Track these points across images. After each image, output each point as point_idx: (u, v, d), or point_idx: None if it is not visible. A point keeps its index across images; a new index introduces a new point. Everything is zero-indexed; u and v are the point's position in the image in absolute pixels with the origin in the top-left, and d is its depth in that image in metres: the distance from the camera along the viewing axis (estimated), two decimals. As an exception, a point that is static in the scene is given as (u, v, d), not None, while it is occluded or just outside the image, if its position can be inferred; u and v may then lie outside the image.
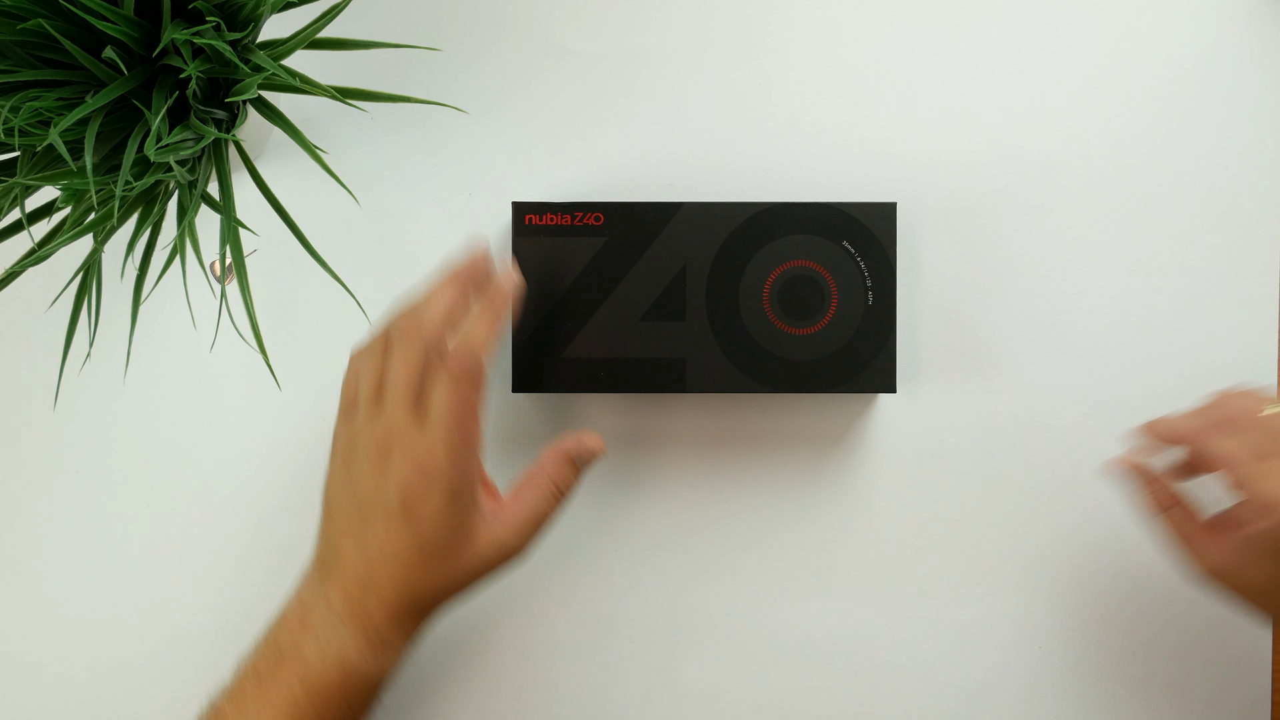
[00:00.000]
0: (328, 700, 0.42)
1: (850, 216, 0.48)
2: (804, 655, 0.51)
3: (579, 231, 0.48)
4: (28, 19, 0.39)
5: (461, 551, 0.44)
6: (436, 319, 0.45)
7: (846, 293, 0.48)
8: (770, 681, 0.52)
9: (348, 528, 0.44)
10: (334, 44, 0.44)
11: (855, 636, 0.51)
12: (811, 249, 0.48)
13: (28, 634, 0.53)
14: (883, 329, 0.48)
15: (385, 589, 0.43)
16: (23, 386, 0.53)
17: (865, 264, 0.48)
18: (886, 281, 0.48)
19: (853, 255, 0.48)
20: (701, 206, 0.48)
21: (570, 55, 0.53)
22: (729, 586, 0.52)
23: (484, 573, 0.45)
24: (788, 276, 0.48)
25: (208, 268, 0.51)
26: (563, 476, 0.46)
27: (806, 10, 0.53)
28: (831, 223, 0.48)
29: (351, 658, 0.43)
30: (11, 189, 0.41)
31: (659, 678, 0.52)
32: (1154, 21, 0.52)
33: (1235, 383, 0.51)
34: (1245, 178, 0.52)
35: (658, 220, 0.48)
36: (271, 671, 0.43)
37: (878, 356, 0.48)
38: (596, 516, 0.52)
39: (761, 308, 0.48)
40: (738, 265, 0.48)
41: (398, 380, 0.45)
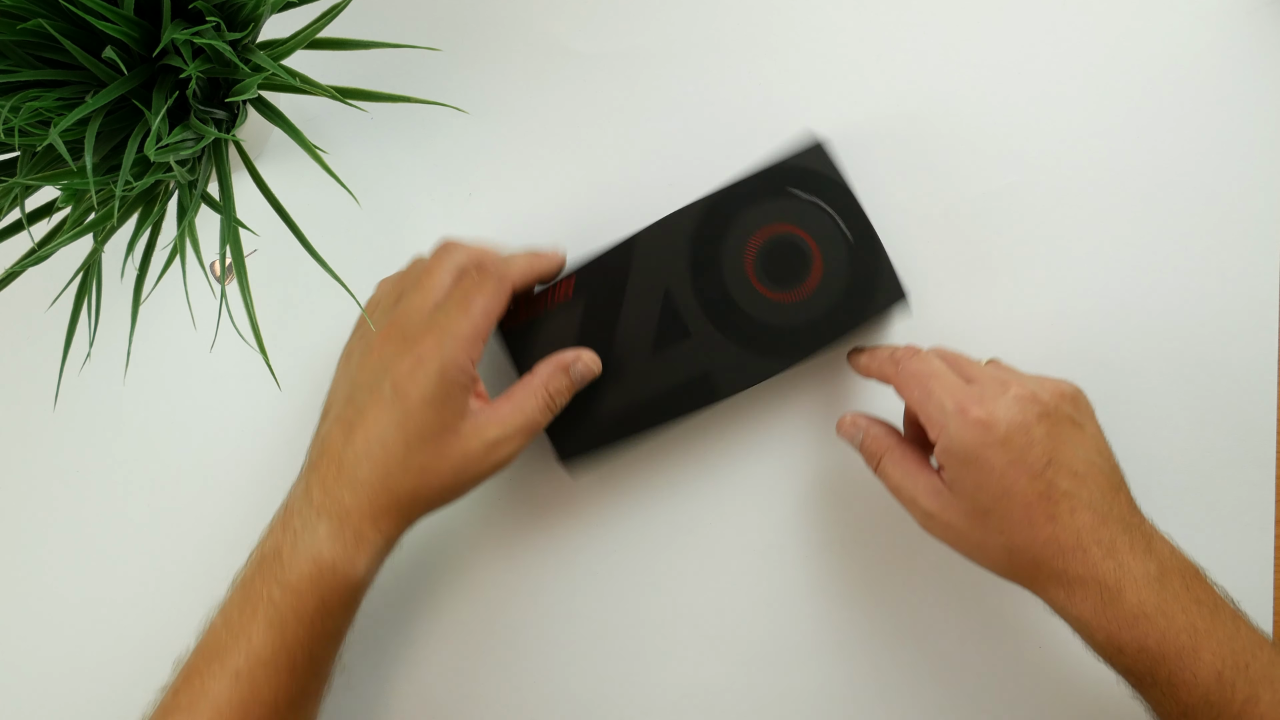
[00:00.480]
0: (300, 595, 0.42)
1: (791, 168, 0.48)
2: (802, 654, 0.51)
3: (559, 310, 0.49)
4: (28, 19, 0.39)
5: (447, 443, 0.43)
6: (473, 250, 0.47)
7: (825, 241, 0.48)
8: (772, 680, 0.52)
9: (338, 418, 0.45)
10: (334, 44, 0.44)
11: (856, 632, 0.52)
12: (772, 214, 0.48)
13: (28, 634, 0.53)
14: (872, 252, 0.48)
15: (364, 478, 0.43)
16: (23, 386, 0.53)
17: (828, 205, 0.48)
18: (855, 213, 0.48)
19: (813, 202, 0.48)
20: (652, 229, 0.48)
21: (570, 55, 0.53)
22: (732, 581, 0.52)
23: (466, 473, 0.44)
24: (765, 250, 0.48)
25: (208, 268, 0.51)
26: (556, 385, 0.46)
27: (807, 10, 0.53)
28: (778, 184, 0.48)
29: (324, 551, 0.42)
30: (11, 189, 0.41)
31: (655, 676, 0.52)
32: (1154, 21, 0.52)
33: (1229, 382, 0.51)
34: (1245, 178, 0.51)
35: (621, 261, 0.48)
36: (252, 576, 0.43)
37: (878, 276, 0.48)
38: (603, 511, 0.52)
39: (754, 289, 0.48)
40: (714, 261, 0.48)
41: (420, 280, 0.46)
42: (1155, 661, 0.40)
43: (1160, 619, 0.39)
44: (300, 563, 0.42)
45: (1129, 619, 0.40)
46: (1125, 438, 0.51)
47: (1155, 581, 0.40)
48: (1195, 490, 0.51)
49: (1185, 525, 0.51)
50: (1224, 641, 0.39)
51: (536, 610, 0.52)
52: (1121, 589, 0.40)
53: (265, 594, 0.42)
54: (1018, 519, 0.41)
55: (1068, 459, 0.41)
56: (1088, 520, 0.40)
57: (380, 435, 0.43)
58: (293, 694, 0.42)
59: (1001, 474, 0.41)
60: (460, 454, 0.44)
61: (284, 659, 0.42)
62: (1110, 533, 0.40)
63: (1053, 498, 0.40)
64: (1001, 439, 0.41)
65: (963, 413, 0.41)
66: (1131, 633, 0.40)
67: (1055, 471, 0.41)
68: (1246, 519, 0.51)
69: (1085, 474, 0.41)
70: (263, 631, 0.42)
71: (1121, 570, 0.40)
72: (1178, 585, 0.40)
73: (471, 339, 0.44)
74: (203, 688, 0.42)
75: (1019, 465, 0.41)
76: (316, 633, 0.43)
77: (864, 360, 0.48)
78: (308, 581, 0.42)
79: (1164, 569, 0.40)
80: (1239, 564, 0.50)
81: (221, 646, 0.42)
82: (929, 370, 0.44)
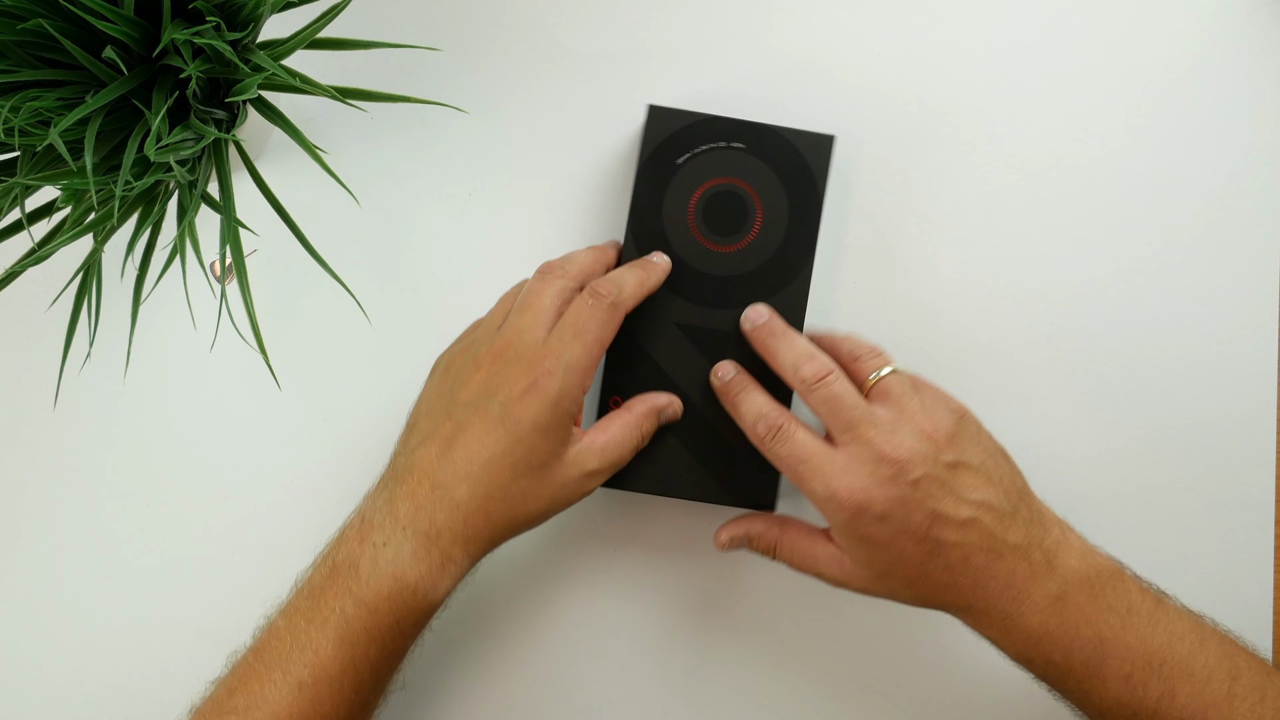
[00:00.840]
0: (376, 614, 0.41)
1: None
2: (801, 653, 0.51)
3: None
4: (28, 19, 0.39)
5: (551, 471, 0.43)
6: (581, 264, 0.46)
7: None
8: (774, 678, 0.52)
9: (433, 433, 0.43)
10: (334, 44, 0.44)
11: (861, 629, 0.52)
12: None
13: (28, 633, 0.53)
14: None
15: (462, 499, 0.41)
16: (23, 386, 0.53)
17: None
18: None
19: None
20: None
21: (570, 55, 0.53)
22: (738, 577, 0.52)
23: (559, 501, 0.44)
24: (705, 205, 0.48)
25: (208, 268, 0.51)
26: (649, 428, 0.46)
27: (807, 10, 0.53)
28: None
29: (406, 571, 0.41)
30: (11, 189, 0.41)
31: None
32: (1154, 21, 0.52)
33: (1229, 382, 0.51)
34: (1245, 178, 0.51)
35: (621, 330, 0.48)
36: (324, 585, 0.42)
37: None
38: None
39: (705, 249, 0.49)
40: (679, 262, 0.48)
41: (531, 298, 0.45)
42: (1062, 673, 0.41)
43: (1063, 637, 0.41)
44: (380, 580, 0.41)
45: (1032, 640, 0.41)
46: (1125, 437, 0.51)
47: (1056, 602, 0.41)
48: (1195, 490, 0.51)
49: (1185, 525, 0.51)
50: (1134, 646, 0.40)
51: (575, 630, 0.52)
52: (1021, 616, 0.41)
53: (339, 607, 0.41)
54: (913, 578, 0.42)
55: (950, 511, 0.41)
56: (981, 562, 0.41)
57: (485, 457, 0.42)
58: (354, 709, 0.41)
59: (887, 545, 0.41)
60: (561, 483, 0.43)
61: (350, 676, 0.41)
62: (1006, 565, 0.41)
63: (942, 553, 0.41)
64: (879, 515, 0.41)
65: (834, 499, 0.42)
66: (1036, 650, 0.41)
67: (940, 529, 0.41)
68: (1246, 519, 0.51)
69: (973, 518, 0.41)
70: (332, 646, 0.41)
71: (1020, 599, 0.41)
72: (1083, 599, 0.41)
73: (587, 369, 0.43)
74: (261, 693, 0.40)
75: (903, 535, 0.41)
76: (387, 652, 0.42)
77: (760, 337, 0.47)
78: (386, 600, 0.41)
79: (1067, 586, 0.41)
80: (1239, 564, 0.50)
81: (285, 653, 0.41)
82: (793, 455, 0.43)
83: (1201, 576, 0.50)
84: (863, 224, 0.52)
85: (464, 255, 0.53)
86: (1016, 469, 0.44)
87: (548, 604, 0.52)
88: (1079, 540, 0.43)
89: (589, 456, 0.44)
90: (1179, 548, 0.51)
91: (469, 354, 0.45)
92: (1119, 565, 0.43)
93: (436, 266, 0.53)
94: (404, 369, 0.52)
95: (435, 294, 0.53)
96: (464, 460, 0.42)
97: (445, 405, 0.44)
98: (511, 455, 0.42)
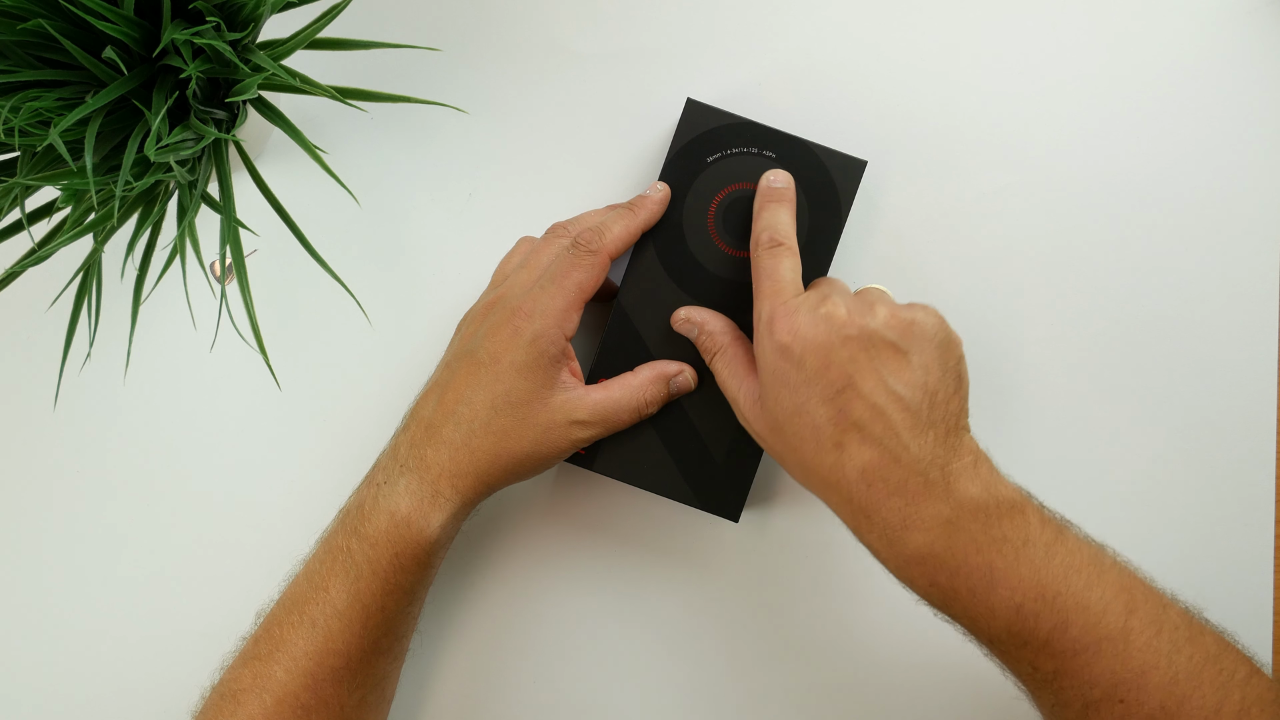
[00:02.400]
0: (375, 547, 0.43)
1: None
2: (798, 655, 0.51)
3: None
4: (28, 19, 0.39)
5: (533, 410, 0.44)
6: (576, 227, 0.48)
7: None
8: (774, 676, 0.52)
9: (435, 383, 0.46)
10: (334, 44, 0.44)
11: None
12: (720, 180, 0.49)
13: (27, 633, 0.53)
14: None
15: (448, 436, 0.44)
16: (23, 386, 0.53)
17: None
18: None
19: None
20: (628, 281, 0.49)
21: (570, 55, 0.53)
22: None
23: (545, 445, 0.45)
24: (724, 210, 0.49)
25: (208, 268, 0.51)
26: (653, 393, 0.47)
27: (808, 10, 0.53)
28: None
29: (401, 505, 0.43)
30: (11, 189, 0.41)
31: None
32: (1154, 21, 0.52)
33: (1229, 382, 0.51)
34: (1245, 177, 0.52)
35: (624, 329, 0.49)
36: (336, 529, 0.45)
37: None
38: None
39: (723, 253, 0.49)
40: (687, 259, 0.49)
41: (527, 260, 0.47)
42: (948, 597, 0.39)
43: (950, 559, 0.39)
44: (378, 516, 0.43)
45: (915, 558, 0.39)
46: (1125, 437, 0.51)
47: (946, 525, 0.39)
48: (1195, 489, 0.51)
49: (1185, 525, 0.51)
50: (1027, 577, 0.39)
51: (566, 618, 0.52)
52: (906, 529, 0.39)
53: (344, 545, 0.44)
54: (806, 438, 0.40)
55: (869, 388, 0.40)
56: (873, 457, 0.39)
57: (468, 396, 0.44)
58: (365, 646, 0.43)
59: (794, 390, 0.40)
60: (544, 423, 0.45)
61: (358, 610, 0.43)
62: (901, 474, 0.39)
63: (841, 425, 0.40)
64: (798, 357, 0.40)
65: (771, 324, 0.42)
66: (919, 569, 0.39)
67: (849, 399, 0.40)
68: (1246, 519, 0.51)
69: (885, 407, 0.40)
70: (339, 582, 0.43)
71: (908, 510, 0.39)
72: (975, 527, 0.39)
73: (565, 311, 0.45)
74: (281, 636, 0.43)
75: (811, 385, 0.40)
76: (390, 586, 0.43)
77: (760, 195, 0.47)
78: (383, 534, 0.43)
79: (960, 511, 0.39)
80: (1239, 564, 0.50)
81: (302, 597, 0.44)
82: (770, 269, 0.44)
83: (1201, 576, 0.50)
84: (883, 243, 0.52)
85: (464, 255, 0.53)
86: (962, 394, 0.42)
87: (537, 600, 0.52)
88: (989, 472, 0.41)
89: (578, 406, 0.45)
90: (1179, 548, 0.51)
91: (470, 314, 0.48)
92: (1025, 497, 0.41)
93: (436, 266, 0.53)
94: (404, 368, 0.52)
95: (435, 294, 0.53)
96: (452, 401, 0.45)
97: (448, 359, 0.47)
98: (491, 392, 0.44)
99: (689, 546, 0.52)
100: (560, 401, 0.45)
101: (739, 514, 0.49)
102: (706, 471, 0.48)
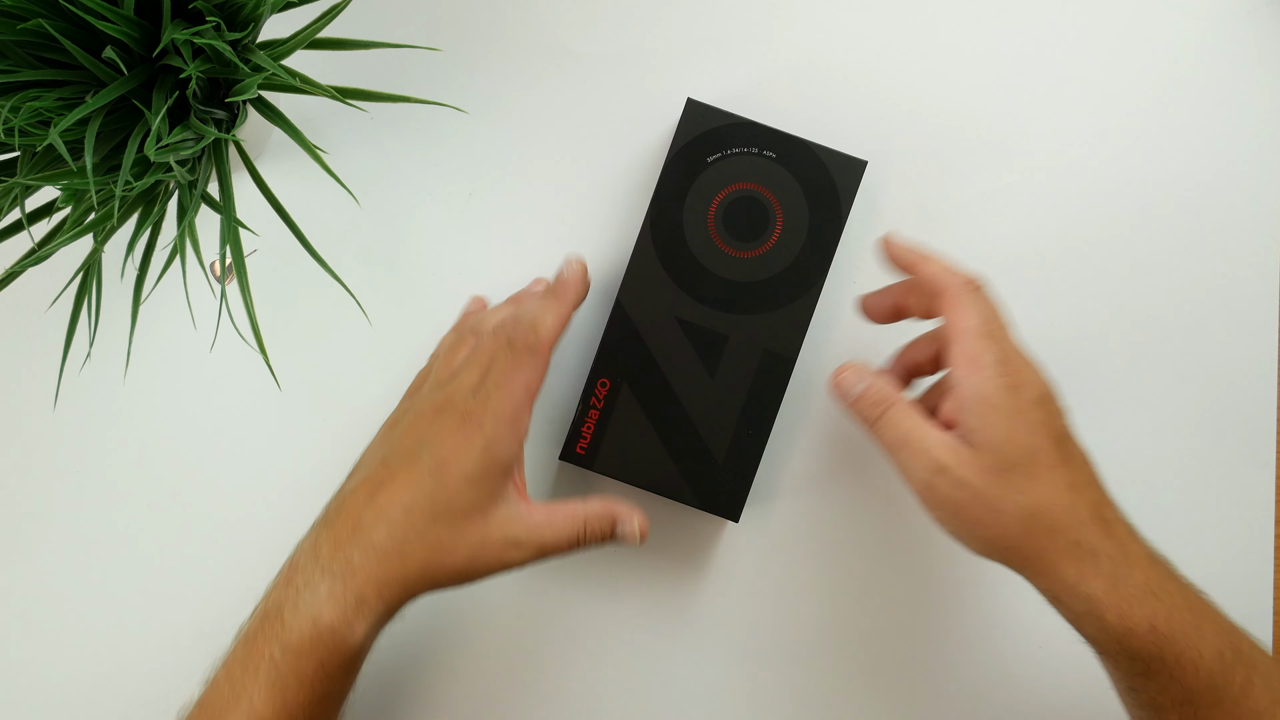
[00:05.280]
0: (300, 656, 0.41)
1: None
2: (799, 655, 0.51)
3: (615, 408, 0.49)
4: (28, 19, 0.39)
5: (473, 524, 0.42)
6: (503, 319, 0.46)
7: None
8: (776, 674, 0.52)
9: (366, 479, 0.43)
10: (334, 44, 0.44)
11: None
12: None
13: (27, 633, 0.53)
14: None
15: (379, 541, 0.41)
16: (23, 386, 0.53)
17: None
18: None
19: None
20: (627, 279, 0.49)
21: (570, 55, 0.53)
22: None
23: (478, 561, 0.43)
24: (725, 210, 0.49)
25: (208, 268, 0.51)
26: (597, 529, 0.45)
27: (809, 9, 0.53)
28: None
29: (324, 612, 0.41)
30: (11, 189, 0.41)
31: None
32: (1154, 22, 0.52)
33: (1229, 382, 0.51)
34: (1245, 178, 0.52)
35: (622, 326, 0.49)
36: (255, 632, 0.42)
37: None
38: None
39: (724, 253, 0.49)
40: (687, 259, 0.49)
41: (469, 360, 0.45)
42: (1165, 641, 0.39)
43: (1166, 596, 0.39)
44: (300, 622, 0.41)
45: (1140, 595, 0.39)
46: (1125, 437, 0.51)
47: (1153, 560, 0.40)
48: (1195, 489, 0.51)
49: (1185, 525, 0.51)
50: (1217, 620, 0.40)
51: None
52: (1131, 564, 0.40)
53: (267, 653, 0.41)
54: (1042, 479, 0.40)
55: (1075, 439, 0.42)
56: (1097, 495, 0.41)
57: (407, 502, 0.42)
58: None
59: (1031, 430, 0.40)
60: (479, 540, 0.43)
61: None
62: (1113, 512, 0.41)
63: (1071, 467, 0.41)
64: (1035, 399, 0.41)
65: (1004, 363, 0.41)
66: (1143, 609, 0.39)
67: (1071, 445, 0.41)
68: (1246, 519, 0.51)
69: (1088, 458, 0.42)
70: (264, 692, 0.41)
71: (1128, 546, 0.40)
72: (1167, 565, 0.41)
73: (514, 417, 0.43)
74: None
75: (1047, 427, 0.41)
76: (318, 695, 0.41)
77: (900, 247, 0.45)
78: (307, 643, 0.41)
79: (1152, 552, 0.41)
80: (1239, 564, 0.50)
81: (224, 704, 0.41)
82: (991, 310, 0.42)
83: (1202, 577, 0.50)
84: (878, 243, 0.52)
85: (464, 255, 0.53)
86: None
87: (535, 600, 0.52)
88: None
89: (517, 525, 0.43)
90: (1179, 548, 0.50)
91: (411, 409, 0.46)
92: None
93: (436, 266, 0.53)
94: (404, 369, 0.52)
95: (435, 294, 0.53)
96: (387, 504, 0.42)
97: (382, 454, 0.44)
98: (433, 501, 0.42)
99: (689, 546, 0.52)
100: (502, 517, 0.43)
101: (739, 514, 0.49)
102: (706, 471, 0.48)
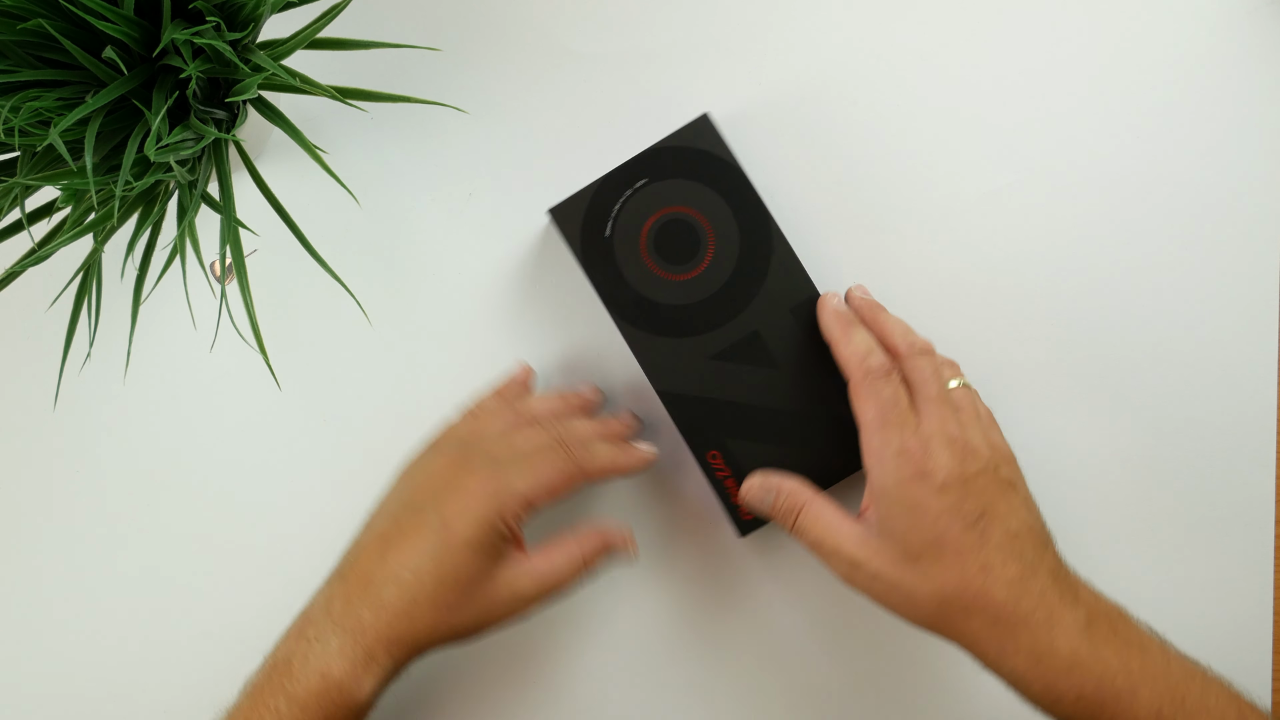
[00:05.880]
0: (305, 710, 0.41)
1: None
2: (799, 659, 0.51)
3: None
4: (28, 19, 0.39)
5: (480, 588, 0.43)
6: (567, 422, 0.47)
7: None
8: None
9: (380, 535, 0.44)
10: (334, 44, 0.44)
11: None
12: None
13: (27, 633, 0.53)
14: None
15: (389, 600, 0.42)
16: (23, 386, 0.53)
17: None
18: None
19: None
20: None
21: (570, 55, 0.53)
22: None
23: (488, 618, 0.44)
24: (657, 235, 0.49)
25: (208, 268, 0.51)
26: (593, 557, 0.46)
27: (809, 9, 0.53)
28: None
29: (333, 667, 0.41)
30: (11, 189, 0.41)
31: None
32: (1154, 22, 0.52)
33: (1229, 382, 0.51)
34: (1245, 178, 0.52)
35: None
36: (263, 684, 0.42)
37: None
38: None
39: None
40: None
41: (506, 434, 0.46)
42: (1095, 708, 0.40)
43: (1095, 664, 0.40)
44: (309, 676, 0.41)
45: (1064, 667, 0.40)
46: (1125, 437, 0.51)
47: (1085, 628, 0.40)
48: (1196, 490, 0.51)
49: (1186, 526, 0.51)
50: (1158, 679, 0.40)
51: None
52: (1054, 637, 0.40)
53: (273, 705, 0.41)
54: (949, 566, 0.41)
55: (1001, 514, 0.42)
56: (1017, 572, 0.41)
57: (415, 564, 0.42)
58: None
59: (935, 519, 0.41)
60: (488, 601, 0.44)
61: None
62: (1040, 584, 0.41)
63: (985, 549, 0.41)
64: (939, 486, 0.41)
65: (904, 454, 0.42)
66: (1069, 680, 0.40)
67: (988, 524, 0.41)
68: (1246, 519, 0.51)
69: (1017, 531, 0.42)
70: None
71: (1053, 619, 0.40)
72: (1106, 630, 0.41)
73: (526, 501, 0.44)
74: None
75: (954, 513, 0.41)
76: None
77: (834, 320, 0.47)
78: (314, 697, 0.41)
79: (1092, 615, 0.41)
80: (1239, 564, 0.50)
81: None
82: (891, 398, 0.44)
83: (1202, 576, 0.50)
84: (882, 242, 0.52)
85: (464, 255, 0.53)
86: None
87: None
88: (1088, 584, 0.43)
89: (524, 579, 0.44)
90: (1179, 548, 0.51)
91: (428, 463, 0.46)
92: (1124, 608, 0.43)
93: (436, 266, 0.53)
94: (404, 368, 0.52)
95: (435, 294, 0.53)
96: (396, 563, 0.43)
97: (395, 508, 0.45)
98: (440, 565, 0.43)
99: (689, 551, 0.52)
100: (507, 578, 0.44)
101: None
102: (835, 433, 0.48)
